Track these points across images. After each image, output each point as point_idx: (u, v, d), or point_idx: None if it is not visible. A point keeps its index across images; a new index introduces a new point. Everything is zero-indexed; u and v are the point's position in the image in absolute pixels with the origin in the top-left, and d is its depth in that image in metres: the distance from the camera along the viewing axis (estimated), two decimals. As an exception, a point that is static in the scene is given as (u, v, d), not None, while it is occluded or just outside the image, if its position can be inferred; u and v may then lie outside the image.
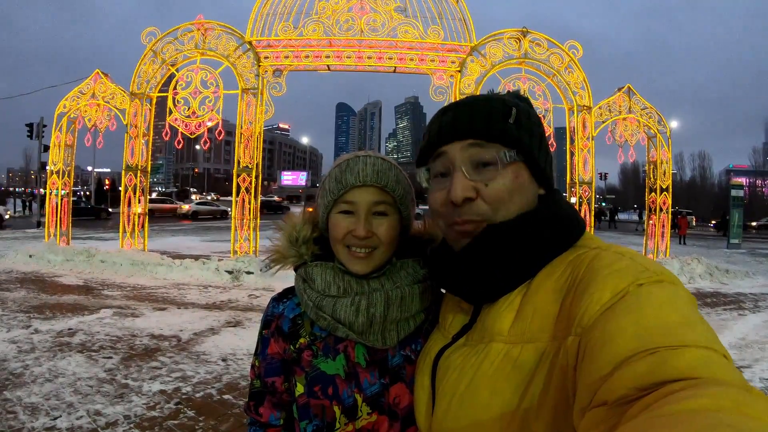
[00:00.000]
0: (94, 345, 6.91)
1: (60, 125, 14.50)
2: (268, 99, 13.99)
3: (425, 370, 1.07)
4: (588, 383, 0.65)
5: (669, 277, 0.76)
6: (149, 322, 8.22)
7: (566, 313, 0.79)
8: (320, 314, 1.22)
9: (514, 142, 0.98)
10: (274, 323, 1.31)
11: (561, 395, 0.74)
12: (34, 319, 8.22)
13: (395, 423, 1.21)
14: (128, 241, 14.30)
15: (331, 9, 13.51)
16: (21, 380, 5.52)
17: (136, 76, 14.03)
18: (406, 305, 1.21)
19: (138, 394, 5.27)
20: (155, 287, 11.24)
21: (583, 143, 13.90)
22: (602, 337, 0.67)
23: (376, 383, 1.22)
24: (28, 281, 11.59)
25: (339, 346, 1.24)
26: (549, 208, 0.99)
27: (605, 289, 0.74)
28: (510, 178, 0.97)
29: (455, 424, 0.89)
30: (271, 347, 1.30)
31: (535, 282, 0.91)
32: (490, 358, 0.88)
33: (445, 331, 1.08)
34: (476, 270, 0.96)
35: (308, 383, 1.22)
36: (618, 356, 0.62)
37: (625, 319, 0.67)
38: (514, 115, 1.00)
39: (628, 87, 14.54)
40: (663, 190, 14.93)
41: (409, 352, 1.25)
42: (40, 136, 30.02)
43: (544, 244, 0.94)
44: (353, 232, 1.19)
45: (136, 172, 14.17)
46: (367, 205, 1.20)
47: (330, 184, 1.22)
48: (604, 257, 0.83)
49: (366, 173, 1.19)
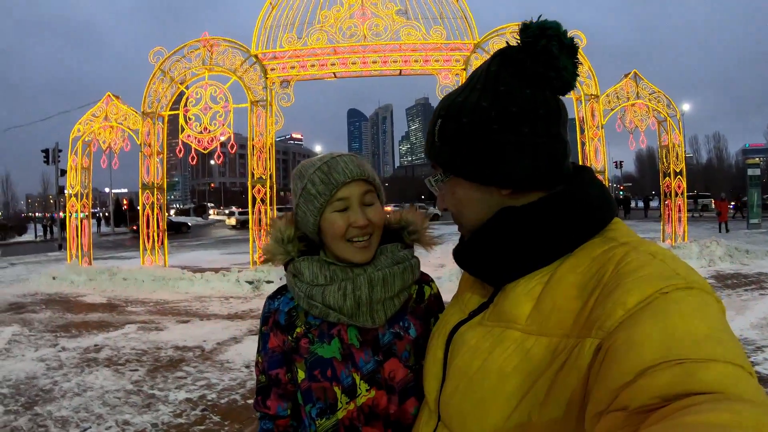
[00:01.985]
0: (121, 359, 7.08)
1: (75, 149, 14.75)
2: (277, 110, 14.14)
3: (439, 343, 1.09)
4: (608, 387, 0.64)
5: (700, 283, 0.73)
6: (173, 334, 8.38)
7: (587, 314, 0.77)
8: (312, 303, 1.31)
9: (438, 162, 1.05)
10: (271, 319, 1.40)
11: (571, 395, 0.74)
12: (60, 337, 8.42)
13: (393, 396, 1.30)
14: (149, 258, 14.52)
15: (333, 17, 13.62)
16: (50, 395, 5.70)
17: (147, 95, 14.24)
18: (389, 285, 1.31)
19: (165, 403, 5.41)
20: (178, 301, 11.40)
21: (593, 132, 13.84)
22: (627, 341, 0.66)
23: (371, 361, 1.31)
24: (53, 302, 11.81)
25: (333, 330, 1.33)
26: (574, 190, 0.95)
27: (632, 293, 0.72)
28: (449, 195, 1.06)
29: (462, 404, 0.91)
30: (271, 341, 1.39)
31: (558, 273, 0.88)
32: (504, 345, 0.87)
33: (463, 306, 1.09)
34: (491, 251, 0.97)
35: (308, 368, 1.32)
36: (642, 364, 0.61)
37: (652, 326, 0.65)
38: (437, 131, 1.02)
39: (635, 72, 14.44)
40: (677, 173, 14.81)
41: (398, 329, 1.35)
42: (57, 160, 30.48)
43: (566, 230, 0.91)
44: (354, 224, 1.28)
45: (152, 190, 14.39)
46: (359, 197, 1.30)
47: (317, 188, 1.29)
48: (633, 259, 0.79)
49: (351, 169, 1.30)
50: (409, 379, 1.32)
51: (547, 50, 0.92)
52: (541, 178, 0.96)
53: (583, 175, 0.99)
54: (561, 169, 0.97)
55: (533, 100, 0.94)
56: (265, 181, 13.56)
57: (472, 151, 0.96)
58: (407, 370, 1.33)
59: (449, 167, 1.02)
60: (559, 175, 0.97)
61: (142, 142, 14.20)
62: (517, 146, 0.94)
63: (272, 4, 13.87)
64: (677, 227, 15.04)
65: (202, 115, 13.92)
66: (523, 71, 0.95)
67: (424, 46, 13.69)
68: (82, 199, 14.95)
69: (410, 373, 1.32)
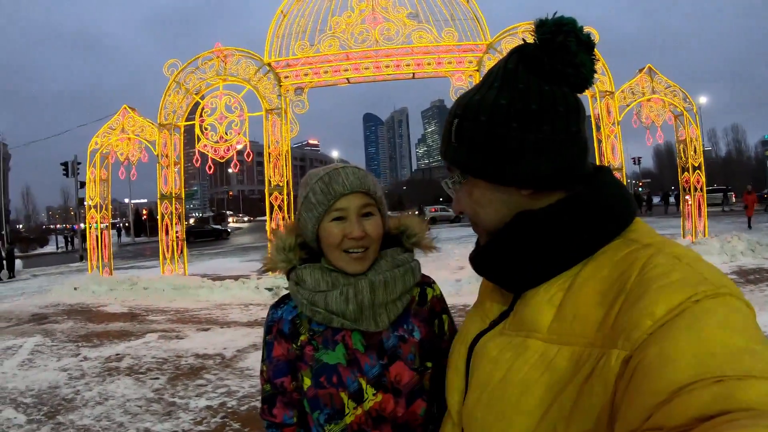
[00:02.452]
0: (142, 368, 7.15)
1: (93, 161, 14.96)
2: (292, 117, 14.21)
3: (461, 354, 1.07)
4: (641, 405, 0.61)
5: (729, 288, 0.71)
6: (194, 342, 8.44)
7: (611, 322, 0.75)
8: (315, 309, 1.34)
9: (455, 163, 1.02)
10: (275, 327, 1.42)
11: (600, 409, 0.71)
12: (82, 347, 8.53)
13: (400, 399, 1.32)
14: (169, 267, 14.67)
15: (344, 23, 13.65)
16: (72, 405, 5.77)
17: (163, 107, 14.42)
18: (390, 288, 1.34)
19: (185, 410, 5.46)
20: (198, 309, 11.47)
21: (609, 129, 13.69)
22: (660, 357, 0.63)
23: (376, 365, 1.33)
24: (75, 312, 11.97)
25: (337, 336, 1.35)
26: (593, 191, 0.92)
27: (659, 302, 0.69)
28: (465, 197, 1.03)
29: (485, 417, 0.89)
30: (276, 350, 1.40)
31: (579, 279, 0.86)
32: (526, 356, 0.85)
33: (483, 315, 1.07)
34: (508, 256, 0.96)
35: (314, 375, 1.33)
36: (677, 382, 0.59)
37: (685, 340, 0.63)
38: (454, 131, 0.99)
39: (649, 67, 14.26)
40: (695, 168, 14.62)
41: (402, 332, 1.38)
42: (76, 173, 31.02)
43: (586, 232, 0.89)
44: (349, 235, 1.30)
45: (171, 200, 14.53)
46: (356, 209, 1.33)
47: (317, 197, 1.32)
48: (658, 263, 0.76)
49: (351, 181, 1.32)
50: (416, 382, 1.34)
51: (565, 46, 0.90)
52: (562, 178, 0.93)
53: (602, 175, 0.97)
54: (581, 168, 0.96)
55: (552, 97, 0.92)
56: (282, 188, 13.61)
57: (491, 150, 0.94)
58: (413, 373, 1.34)
59: (467, 168, 0.99)
60: (580, 174, 0.95)
61: (159, 153, 14.36)
62: (538, 145, 0.91)
63: (283, 13, 13.95)
64: (697, 223, 14.81)
65: (218, 124, 14.05)
66: (540, 68, 0.93)
67: (437, 48, 13.67)
68: (102, 210, 15.16)
69: (416, 376, 1.34)
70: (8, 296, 16.06)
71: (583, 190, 0.92)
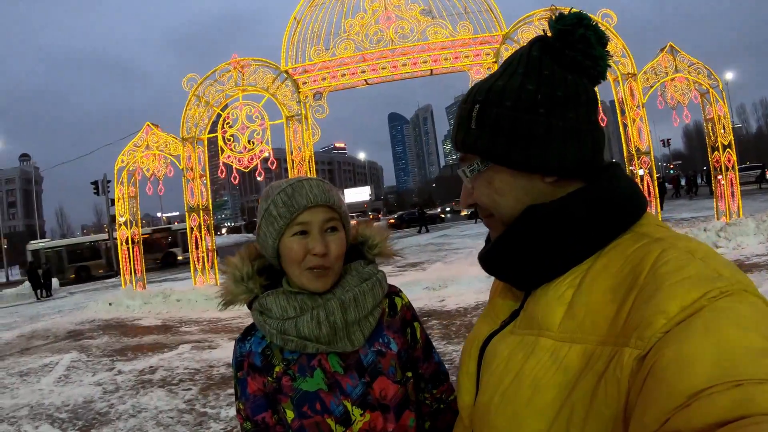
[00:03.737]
0: (174, 379, 7.24)
1: (121, 179, 15.25)
2: (313, 123, 14.31)
3: (472, 355, 1.05)
4: (657, 409, 0.60)
5: (744, 284, 0.70)
6: (226, 352, 8.44)
7: (624, 319, 0.73)
8: (286, 338, 1.27)
9: (475, 150, 0.97)
10: (245, 362, 1.35)
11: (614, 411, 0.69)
12: (117, 361, 8.68)
13: (388, 415, 1.28)
14: (200, 278, 14.82)
15: (358, 25, 13.67)
16: (107, 418, 5.85)
17: (184, 121, 14.59)
18: (361, 304, 1.29)
19: (216, 420, 5.50)
20: (230, 318, 11.54)
21: (634, 113, 13.36)
22: (677, 359, 0.62)
23: (359, 384, 1.28)
24: (110, 327, 12.21)
25: (313, 362, 1.29)
26: (599, 187, 0.91)
27: (673, 299, 0.67)
28: (483, 186, 0.98)
29: (496, 419, 0.87)
30: (251, 386, 1.33)
31: (590, 275, 0.85)
32: (537, 355, 0.84)
33: (494, 316, 1.06)
34: (518, 253, 0.94)
35: (296, 406, 1.27)
36: (695, 386, 0.57)
37: (703, 342, 0.61)
38: (475, 117, 0.95)
39: (671, 46, 13.83)
40: (725, 146, 14.15)
41: (378, 346, 1.33)
42: (106, 191, 31.90)
43: (596, 227, 0.87)
44: (312, 251, 1.24)
45: (198, 212, 14.70)
46: (319, 224, 1.27)
47: (278, 210, 1.26)
48: (671, 258, 0.75)
49: (315, 194, 1.27)
50: (401, 394, 1.31)
51: (586, 39, 0.91)
52: (584, 167, 0.92)
53: (613, 169, 0.96)
54: (601, 159, 0.95)
55: (576, 86, 0.91)
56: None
57: (517, 136, 0.91)
58: (397, 386, 1.31)
59: (490, 154, 0.95)
60: (599, 164, 0.95)
61: (184, 166, 14.55)
62: (565, 132, 0.90)
63: (297, 20, 14.01)
64: (731, 203, 14.34)
65: (240, 135, 14.21)
66: (562, 58, 0.92)
67: (453, 43, 13.57)
68: (132, 226, 15.41)
69: (401, 388, 1.31)
70: (45, 314, 16.58)
71: (594, 183, 0.91)
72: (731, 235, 12.65)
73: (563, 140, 0.90)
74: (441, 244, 25.13)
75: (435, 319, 8.90)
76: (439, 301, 10.61)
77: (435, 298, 10.85)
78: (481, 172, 0.97)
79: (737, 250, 12.05)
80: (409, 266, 16.32)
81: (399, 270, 14.80)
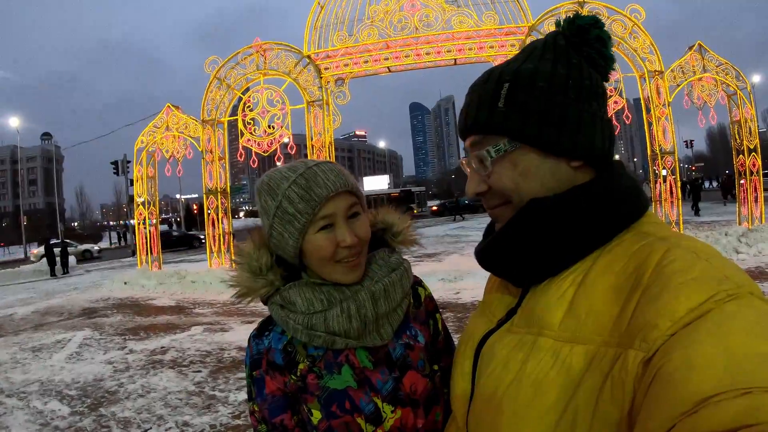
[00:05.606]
0: (185, 360, 7.25)
1: (140, 159, 15.38)
2: (334, 109, 14.25)
3: (467, 355, 1.02)
4: (664, 414, 0.58)
5: (750, 287, 0.68)
6: (238, 335, 8.51)
7: (627, 319, 0.72)
8: (313, 334, 1.15)
9: (503, 131, 0.92)
10: (263, 360, 1.22)
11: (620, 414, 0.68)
12: (129, 340, 8.75)
13: (419, 410, 1.19)
14: (216, 260, 14.89)
15: (383, 11, 13.54)
16: (115, 397, 5.88)
17: (205, 103, 14.62)
18: (391, 296, 1.19)
19: (224, 404, 5.48)
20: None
21: (659, 111, 13.06)
22: (684, 364, 0.60)
23: (389, 380, 1.19)
24: (124, 306, 12.33)
25: (340, 358, 1.19)
26: (605, 181, 0.90)
27: (679, 301, 0.66)
28: (507, 169, 0.93)
29: (495, 422, 0.85)
30: (269, 386, 1.21)
31: (592, 273, 0.83)
32: (538, 355, 0.82)
33: (490, 314, 1.03)
34: (518, 248, 0.91)
35: (323, 406, 1.16)
36: (703, 392, 0.56)
37: (711, 347, 0.60)
38: (504, 95, 0.92)
39: (699, 44, 13.49)
40: (751, 150, 13.81)
41: (406, 339, 1.24)
42: (125, 171, 32.32)
43: (597, 222, 0.86)
44: (342, 243, 1.13)
45: (216, 195, 14.73)
46: (343, 212, 1.15)
47: (295, 207, 1.12)
48: (676, 258, 0.73)
49: (332, 181, 1.14)
50: (430, 389, 1.22)
51: (602, 40, 0.95)
52: (602, 156, 0.93)
53: (615, 166, 0.96)
54: (613, 152, 0.96)
55: (597, 78, 0.95)
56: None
57: (550, 117, 0.90)
58: (426, 380, 1.21)
59: (520, 134, 0.91)
60: (611, 157, 0.96)
61: (203, 148, 14.59)
62: (593, 118, 0.92)
63: (320, 5, 13.93)
64: (754, 208, 14.01)
65: (260, 118, 14.22)
66: (581, 53, 0.95)
67: (478, 33, 13.41)
68: (150, 206, 15.52)
69: (429, 382, 1.22)
70: (61, 291, 16.76)
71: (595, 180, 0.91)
72: (753, 241, 12.43)
73: (593, 126, 0.91)
74: (458, 235, 25.07)
75: (449, 312, 8.82)
76: (455, 293, 10.53)
77: (450, 290, 10.77)
78: (508, 153, 0.92)
79: (758, 256, 11.85)
80: (425, 257, 16.28)
81: (415, 260, 14.71)
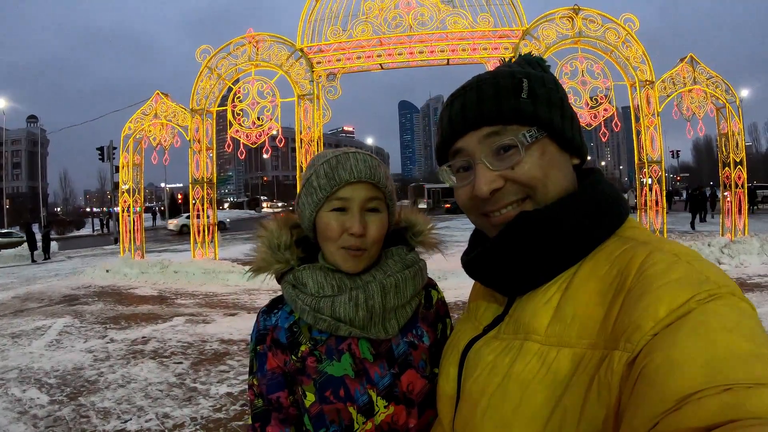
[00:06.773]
0: (166, 351, 7.19)
1: (127, 146, 15.21)
2: (324, 103, 14.21)
3: (453, 360, 1.03)
4: (647, 412, 0.59)
5: (731, 288, 0.69)
6: (220, 327, 8.47)
7: (612, 322, 0.73)
8: (319, 317, 1.18)
9: (532, 119, 0.91)
10: (269, 337, 1.25)
11: (605, 415, 0.68)
12: (110, 329, 8.65)
13: (412, 410, 1.20)
14: (199, 251, 14.81)
15: (377, 8, 13.50)
16: (95, 387, 5.81)
17: (195, 93, 14.50)
18: (401, 292, 1.20)
19: (205, 396, 5.42)
20: (226, 294, 11.54)
21: (648, 120, 13.22)
22: (666, 362, 0.61)
23: (387, 375, 1.20)
24: (106, 294, 12.19)
25: (342, 345, 1.21)
26: (588, 190, 0.91)
27: (661, 302, 0.67)
28: (537, 157, 0.91)
29: (482, 426, 0.85)
30: (270, 362, 1.24)
31: (577, 279, 0.84)
32: (524, 359, 0.82)
33: (476, 321, 1.04)
34: (510, 259, 0.91)
35: (318, 390, 1.18)
36: (685, 389, 0.57)
37: (692, 345, 0.61)
38: (527, 88, 0.92)
39: (691, 56, 13.62)
40: (737, 163, 14.00)
41: (411, 338, 1.25)
42: (111, 158, 31.95)
43: (585, 231, 0.87)
44: (349, 230, 1.16)
45: (202, 185, 14.64)
46: (360, 202, 1.17)
47: (319, 181, 1.18)
48: (657, 261, 0.74)
49: (359, 169, 1.17)
50: (427, 390, 1.22)
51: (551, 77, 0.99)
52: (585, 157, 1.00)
53: (595, 175, 0.97)
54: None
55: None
56: (313, 174, 13.57)
57: (565, 112, 0.94)
58: (425, 381, 1.22)
59: (550, 124, 0.91)
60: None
61: (191, 138, 14.48)
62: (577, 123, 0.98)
63: (316, -3, 13.82)
64: (737, 220, 14.21)
65: (250, 110, 14.15)
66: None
67: (472, 34, 13.43)
68: (135, 194, 15.37)
69: (428, 384, 1.22)
70: (42, 277, 16.55)
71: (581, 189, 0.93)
72: (735, 252, 12.62)
73: (579, 127, 0.98)
74: (443, 235, 25.05)
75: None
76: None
77: (434, 290, 10.70)
78: (538, 140, 0.91)
79: (740, 268, 12.03)
80: (409, 255, 16.21)
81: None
